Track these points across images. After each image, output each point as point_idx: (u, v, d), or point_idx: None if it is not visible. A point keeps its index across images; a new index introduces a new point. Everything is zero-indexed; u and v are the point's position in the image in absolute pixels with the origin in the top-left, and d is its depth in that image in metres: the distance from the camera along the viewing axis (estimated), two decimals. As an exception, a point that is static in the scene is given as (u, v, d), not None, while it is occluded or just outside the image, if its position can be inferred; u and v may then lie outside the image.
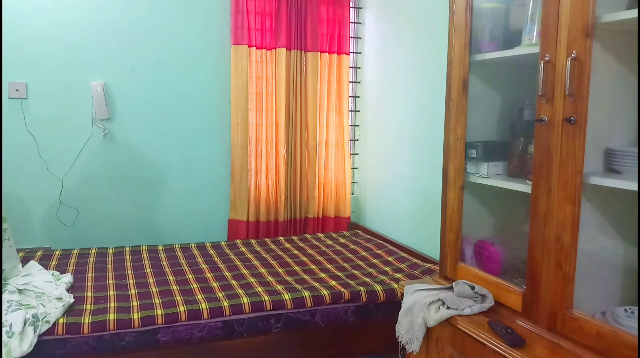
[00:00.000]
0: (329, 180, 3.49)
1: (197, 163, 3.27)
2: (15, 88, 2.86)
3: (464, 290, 1.60)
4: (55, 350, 1.85)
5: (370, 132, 3.44)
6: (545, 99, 1.35)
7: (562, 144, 1.30)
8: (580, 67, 1.24)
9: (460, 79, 1.68)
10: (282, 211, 3.35)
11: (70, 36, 2.94)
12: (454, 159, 1.74)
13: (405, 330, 1.69)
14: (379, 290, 2.25)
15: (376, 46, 3.34)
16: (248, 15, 3.15)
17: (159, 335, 1.95)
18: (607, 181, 1.24)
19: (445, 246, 1.80)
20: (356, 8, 3.50)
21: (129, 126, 3.11)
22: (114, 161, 3.10)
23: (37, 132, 2.93)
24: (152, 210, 3.20)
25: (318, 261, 2.68)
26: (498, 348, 1.37)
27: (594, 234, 1.33)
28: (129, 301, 2.08)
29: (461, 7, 1.66)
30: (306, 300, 2.15)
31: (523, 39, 1.54)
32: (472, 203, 1.78)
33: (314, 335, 2.18)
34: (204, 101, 3.25)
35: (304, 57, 3.31)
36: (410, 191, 2.96)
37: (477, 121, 1.73)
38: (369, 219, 3.49)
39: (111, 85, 3.05)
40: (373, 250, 2.88)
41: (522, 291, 1.47)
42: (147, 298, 2.12)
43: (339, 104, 3.45)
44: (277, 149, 3.32)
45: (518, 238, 1.67)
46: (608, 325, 1.24)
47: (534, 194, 1.41)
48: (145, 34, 3.08)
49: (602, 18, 1.21)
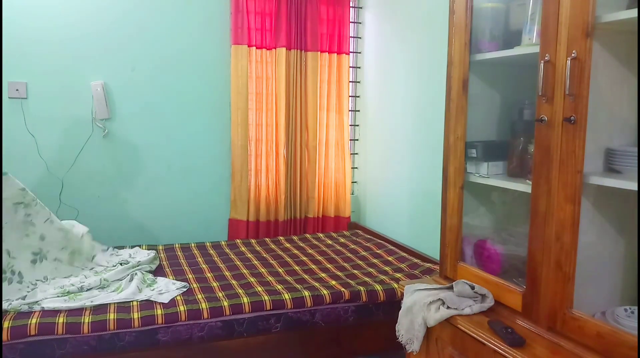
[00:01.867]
0: (329, 180, 3.49)
1: (196, 163, 3.27)
2: (15, 88, 2.86)
3: (464, 290, 1.60)
4: (55, 350, 1.85)
5: (370, 132, 3.44)
6: (545, 99, 1.35)
7: (562, 144, 1.30)
8: (580, 67, 1.24)
9: (460, 79, 1.68)
10: (282, 210, 3.35)
11: (70, 36, 2.94)
12: (454, 159, 1.74)
13: (405, 330, 1.69)
14: (379, 289, 2.26)
15: (376, 46, 3.34)
16: (248, 15, 3.15)
17: (159, 334, 1.95)
18: (607, 181, 1.24)
19: (445, 246, 1.80)
20: (356, 8, 3.50)
21: (129, 125, 3.11)
22: (114, 160, 3.10)
23: (37, 132, 2.93)
24: (152, 210, 3.20)
25: (318, 261, 2.68)
26: (498, 348, 1.37)
27: (594, 234, 1.33)
28: (129, 301, 2.09)
29: (461, 7, 1.66)
30: (306, 300, 2.15)
31: (523, 38, 1.54)
32: (472, 203, 1.78)
33: (314, 335, 2.18)
34: (204, 101, 3.25)
35: (304, 57, 3.31)
36: (410, 191, 2.96)
37: (477, 121, 1.73)
38: (369, 219, 3.49)
39: (111, 85, 3.05)
40: (373, 250, 2.88)
41: (522, 291, 1.47)
42: (147, 298, 2.12)
43: (339, 103, 3.45)
44: (277, 149, 3.32)
45: (518, 238, 1.67)
46: (608, 324, 1.24)
47: (534, 194, 1.41)
48: (145, 33, 3.08)
49: (602, 18, 1.21)
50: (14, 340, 1.81)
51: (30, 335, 1.82)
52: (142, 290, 2.18)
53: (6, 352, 1.80)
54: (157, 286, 2.23)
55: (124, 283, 2.25)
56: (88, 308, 2.00)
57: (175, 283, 2.27)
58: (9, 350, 1.81)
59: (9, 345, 1.80)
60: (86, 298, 2.08)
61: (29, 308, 1.95)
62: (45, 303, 1.99)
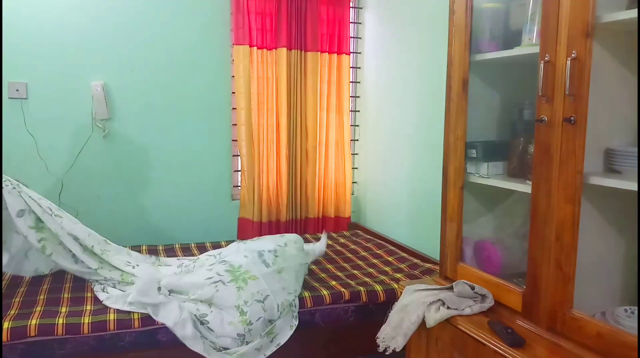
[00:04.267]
0: (329, 180, 3.49)
1: (197, 163, 3.27)
2: (15, 88, 2.86)
3: (464, 290, 1.60)
4: (55, 350, 1.85)
5: (370, 132, 3.44)
6: (545, 99, 1.35)
7: (562, 144, 1.30)
8: (580, 67, 1.24)
9: (460, 79, 1.68)
10: (283, 211, 3.35)
11: (70, 36, 2.94)
12: (454, 159, 1.74)
13: (391, 327, 1.66)
14: (379, 290, 2.25)
15: (376, 46, 3.34)
16: (249, 15, 3.15)
17: (159, 335, 1.95)
18: (607, 181, 1.24)
19: (445, 246, 1.80)
20: (356, 8, 3.50)
21: (129, 126, 3.11)
22: (114, 161, 3.10)
23: (37, 132, 2.93)
24: (152, 210, 3.20)
25: (318, 261, 2.68)
26: (498, 348, 1.37)
27: (594, 234, 1.33)
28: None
29: (461, 7, 1.66)
30: (306, 300, 2.15)
31: (523, 39, 1.54)
32: (472, 203, 1.78)
33: (314, 335, 2.18)
34: (204, 101, 3.24)
35: (304, 57, 3.31)
36: (410, 191, 2.96)
37: (477, 121, 1.73)
38: (369, 219, 3.49)
39: (111, 85, 3.05)
40: (373, 250, 2.88)
41: (522, 291, 1.47)
42: (147, 298, 2.12)
43: (339, 104, 3.45)
44: (278, 149, 3.32)
45: (518, 238, 1.67)
46: (608, 325, 1.24)
47: (534, 194, 1.41)
48: (145, 33, 3.08)
49: (602, 18, 1.22)
50: (13, 341, 1.81)
51: (30, 335, 1.82)
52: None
53: (6, 353, 1.80)
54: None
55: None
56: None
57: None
58: (9, 351, 1.80)
59: (9, 345, 1.80)
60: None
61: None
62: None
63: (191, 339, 1.91)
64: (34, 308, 1.98)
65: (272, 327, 2.03)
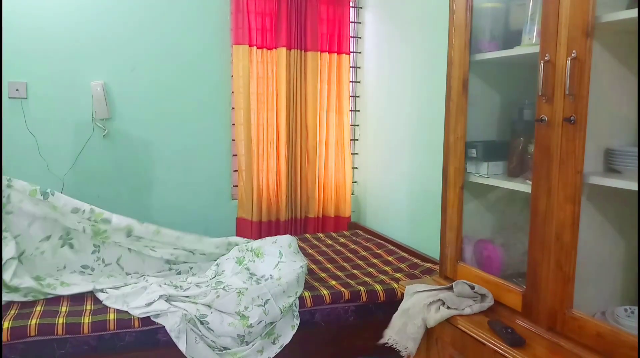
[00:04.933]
0: (329, 180, 3.49)
1: (197, 163, 3.27)
2: (15, 88, 2.86)
3: (464, 290, 1.60)
4: (55, 350, 1.85)
5: (370, 132, 3.44)
6: (545, 98, 1.35)
7: (562, 144, 1.30)
8: (580, 67, 1.24)
9: (460, 78, 1.68)
10: (283, 210, 3.35)
11: (70, 36, 2.94)
12: (454, 159, 1.74)
13: (395, 332, 1.66)
14: (379, 289, 2.25)
15: (376, 46, 3.34)
16: (248, 15, 3.15)
17: (159, 335, 1.95)
18: (607, 181, 1.24)
19: (445, 246, 1.80)
20: (356, 8, 3.50)
21: (129, 125, 3.11)
22: (114, 160, 3.10)
23: (37, 132, 2.93)
24: (152, 210, 3.20)
25: (318, 261, 2.68)
26: (498, 348, 1.37)
27: (594, 234, 1.33)
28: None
29: (461, 6, 1.66)
30: (306, 300, 2.15)
31: (523, 38, 1.54)
32: (472, 203, 1.78)
33: (314, 335, 2.18)
34: (204, 101, 3.24)
35: (304, 57, 3.31)
36: (410, 191, 2.96)
37: (477, 121, 1.73)
38: (369, 219, 3.49)
39: (111, 85, 3.05)
40: (373, 250, 2.88)
41: (522, 291, 1.47)
42: (147, 298, 2.12)
43: (339, 103, 3.45)
44: (277, 149, 3.32)
45: (518, 238, 1.67)
46: (608, 324, 1.24)
47: (534, 194, 1.41)
48: (145, 34, 3.08)
49: (602, 18, 1.21)
50: (14, 341, 1.81)
51: (30, 335, 1.82)
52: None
53: (6, 352, 1.80)
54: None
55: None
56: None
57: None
58: (9, 351, 1.81)
59: (9, 345, 1.80)
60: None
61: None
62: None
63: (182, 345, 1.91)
64: (34, 308, 1.98)
65: (272, 327, 2.03)
